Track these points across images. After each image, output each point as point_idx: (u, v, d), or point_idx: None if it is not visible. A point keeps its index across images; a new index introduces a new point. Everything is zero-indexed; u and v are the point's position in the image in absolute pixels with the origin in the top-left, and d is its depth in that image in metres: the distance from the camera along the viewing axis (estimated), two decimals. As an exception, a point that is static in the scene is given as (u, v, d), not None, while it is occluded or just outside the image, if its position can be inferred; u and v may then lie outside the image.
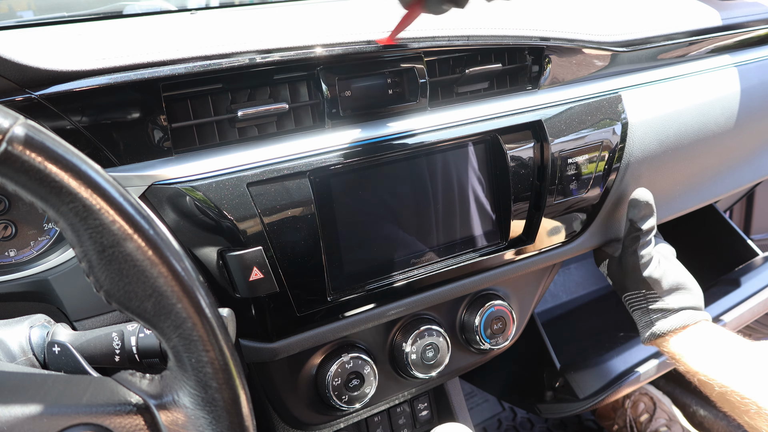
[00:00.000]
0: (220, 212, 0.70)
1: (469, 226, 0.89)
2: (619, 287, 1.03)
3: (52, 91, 0.64)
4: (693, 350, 0.93)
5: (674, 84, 1.08)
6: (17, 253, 0.71)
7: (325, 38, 0.77)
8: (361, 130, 0.80)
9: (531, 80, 0.94)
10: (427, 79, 0.82)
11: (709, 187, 1.23)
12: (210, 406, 0.42)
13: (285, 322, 0.78)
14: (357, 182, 0.80)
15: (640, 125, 1.01)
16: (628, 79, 1.04)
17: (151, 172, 0.69)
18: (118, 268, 0.40)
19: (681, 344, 0.95)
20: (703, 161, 1.16)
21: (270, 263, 0.72)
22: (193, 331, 0.41)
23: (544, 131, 0.91)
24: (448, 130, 0.85)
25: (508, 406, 1.87)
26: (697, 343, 0.94)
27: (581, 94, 0.97)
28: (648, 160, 1.03)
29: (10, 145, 0.36)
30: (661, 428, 1.57)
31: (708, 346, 0.93)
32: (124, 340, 0.58)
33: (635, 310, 1.01)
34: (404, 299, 0.87)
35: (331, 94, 0.77)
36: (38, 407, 0.41)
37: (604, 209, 1.02)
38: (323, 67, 0.76)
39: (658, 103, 1.04)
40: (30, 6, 1.12)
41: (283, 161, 0.74)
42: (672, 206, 1.17)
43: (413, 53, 0.81)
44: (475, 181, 0.89)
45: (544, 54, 0.93)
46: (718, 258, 1.61)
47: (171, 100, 0.70)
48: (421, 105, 0.83)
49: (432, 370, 0.93)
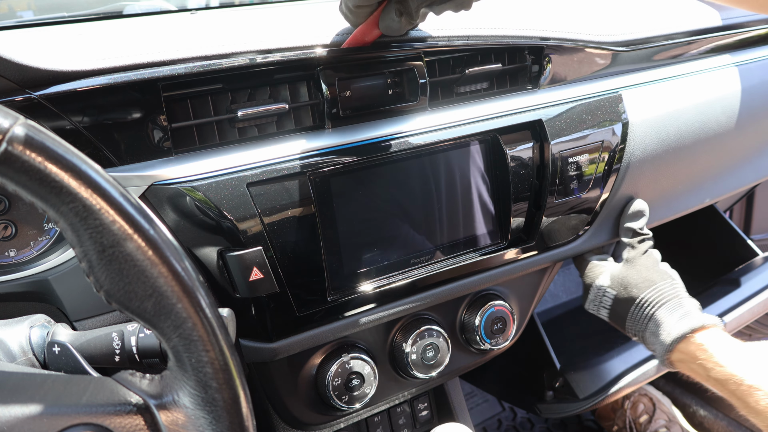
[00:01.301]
0: (220, 212, 0.70)
1: (469, 226, 0.89)
2: (633, 289, 0.94)
3: (52, 91, 0.64)
4: (721, 347, 0.84)
5: (674, 83, 1.08)
6: (17, 253, 0.71)
7: (325, 38, 0.77)
8: (361, 130, 0.80)
9: (531, 80, 0.94)
10: (427, 79, 0.82)
11: (710, 186, 1.23)
12: (210, 406, 0.42)
13: (285, 322, 0.78)
14: (357, 182, 0.80)
15: (641, 125, 1.01)
16: (628, 78, 1.04)
17: (150, 172, 0.69)
18: (118, 268, 0.40)
19: (709, 340, 0.85)
20: (704, 161, 1.16)
21: (270, 263, 0.72)
22: (193, 331, 0.41)
23: (544, 131, 0.90)
24: (449, 130, 0.85)
25: (508, 406, 1.87)
26: (722, 340, 0.85)
27: (581, 94, 0.97)
28: (649, 159, 1.03)
29: (10, 145, 0.36)
30: (660, 429, 1.57)
31: (730, 343, 0.85)
32: (124, 340, 0.58)
33: (663, 304, 0.90)
34: (404, 299, 0.87)
35: (331, 94, 0.76)
36: (38, 407, 0.41)
37: (606, 209, 1.02)
38: (323, 68, 0.76)
39: (659, 103, 1.04)
40: (30, 6, 1.12)
41: (283, 161, 0.74)
42: (673, 206, 1.17)
43: (413, 53, 0.81)
44: (476, 181, 0.89)
45: (544, 54, 0.93)
46: (718, 258, 1.60)
47: (171, 100, 0.70)
48: (421, 105, 0.83)
49: (432, 370, 0.93)
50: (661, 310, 0.89)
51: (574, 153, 0.93)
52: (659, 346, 0.87)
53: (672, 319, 0.87)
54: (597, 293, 0.98)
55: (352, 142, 0.78)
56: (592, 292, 0.99)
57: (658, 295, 0.90)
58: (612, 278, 0.97)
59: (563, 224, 0.97)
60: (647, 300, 0.91)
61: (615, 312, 0.94)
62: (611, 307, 0.95)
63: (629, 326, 0.93)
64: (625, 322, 0.93)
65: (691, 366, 0.83)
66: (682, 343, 0.83)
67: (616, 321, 0.95)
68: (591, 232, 1.02)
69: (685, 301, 0.89)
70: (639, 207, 1.00)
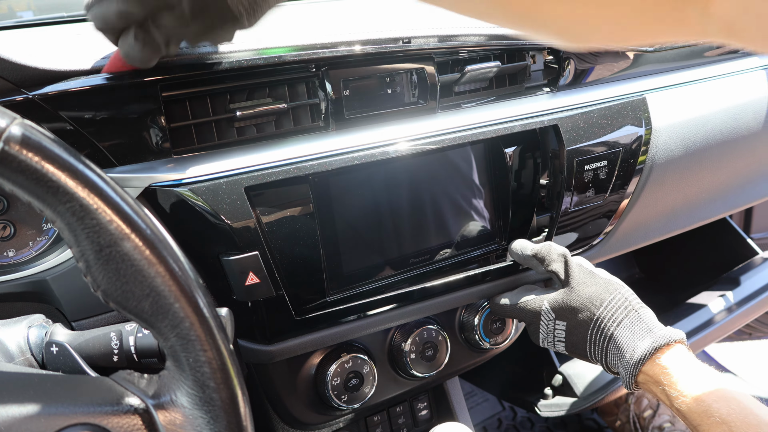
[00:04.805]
0: (218, 216, 0.69)
1: (478, 235, 0.88)
2: (582, 313, 0.81)
3: (50, 91, 0.64)
4: (684, 372, 0.74)
5: (703, 86, 1.03)
6: (16, 253, 0.71)
7: (328, 37, 0.76)
8: (367, 133, 0.77)
9: (550, 81, 0.90)
10: (438, 81, 0.79)
11: (736, 195, 1.16)
12: (208, 405, 0.42)
13: (282, 326, 0.77)
14: (360, 187, 0.78)
15: (665, 130, 0.96)
16: (653, 81, 0.99)
17: (148, 174, 0.68)
18: (115, 267, 0.40)
19: (673, 362, 0.75)
20: (732, 168, 1.10)
21: (267, 268, 0.71)
22: (191, 330, 0.41)
23: (561, 135, 0.87)
24: (462, 133, 0.81)
25: (508, 405, 1.87)
26: (685, 363, 0.76)
27: (603, 97, 0.92)
28: (672, 167, 0.98)
29: (6, 144, 0.36)
30: (665, 424, 1.56)
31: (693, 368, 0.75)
32: (122, 340, 0.58)
33: (620, 321, 0.79)
34: (405, 308, 0.86)
35: (336, 95, 0.75)
36: (36, 407, 0.41)
37: (623, 220, 0.97)
38: (328, 68, 0.75)
39: (686, 107, 0.99)
40: (29, 6, 1.12)
41: (283, 165, 0.72)
42: (695, 215, 1.11)
43: (424, 54, 0.79)
44: (482, 187, 0.87)
45: (562, 54, 0.89)
46: (718, 257, 1.60)
47: (170, 100, 0.70)
48: (431, 107, 0.81)
49: (431, 370, 0.93)
50: (620, 328, 0.79)
51: (592, 159, 0.89)
52: (623, 369, 0.77)
53: (634, 338, 0.77)
54: (547, 327, 0.85)
55: (357, 147, 0.76)
56: (542, 327, 0.85)
57: (612, 312, 0.80)
58: (554, 309, 0.83)
59: (578, 234, 0.93)
60: (602, 319, 0.80)
61: (571, 342, 0.83)
62: (566, 339, 0.83)
63: (591, 353, 0.82)
64: (587, 350, 0.82)
65: (655, 390, 0.76)
66: (647, 364, 0.75)
67: (575, 351, 0.84)
68: (605, 243, 0.98)
69: (642, 312, 0.80)
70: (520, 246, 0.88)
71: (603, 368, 0.83)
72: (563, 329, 0.83)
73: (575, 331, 0.82)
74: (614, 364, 0.80)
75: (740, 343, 2.10)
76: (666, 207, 1.02)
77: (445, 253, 0.87)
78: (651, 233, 1.09)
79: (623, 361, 0.78)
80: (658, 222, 1.08)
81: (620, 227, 0.98)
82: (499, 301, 0.91)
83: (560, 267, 0.84)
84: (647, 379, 0.76)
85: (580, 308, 0.81)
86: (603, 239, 0.98)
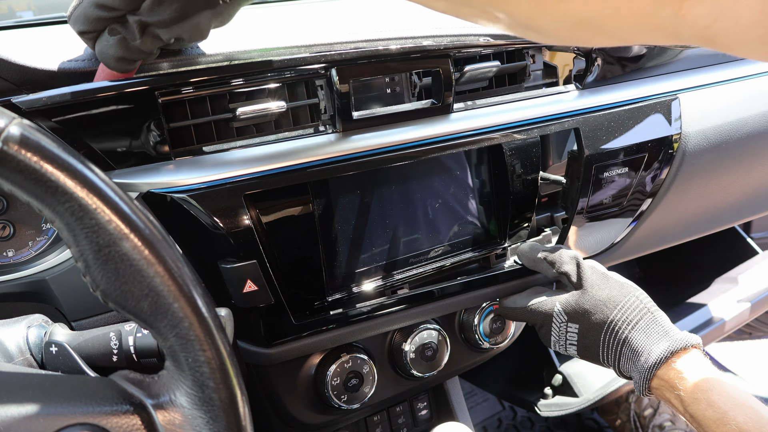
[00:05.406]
0: (216, 223, 0.68)
1: (482, 238, 0.87)
2: (595, 316, 0.80)
3: (46, 95, 0.63)
4: (700, 378, 0.73)
5: (739, 86, 0.97)
6: (15, 253, 0.71)
7: (333, 37, 0.75)
8: (376, 136, 0.74)
9: (576, 79, 0.87)
10: (453, 81, 0.76)
11: (763, 201, 1.10)
12: (207, 405, 0.42)
13: (281, 330, 0.77)
14: (364, 196, 0.77)
15: (695, 135, 0.91)
16: (686, 80, 0.94)
17: (147, 179, 0.67)
18: (114, 267, 0.40)
19: (688, 367, 0.74)
20: (763, 175, 1.04)
21: (266, 276, 0.70)
22: (190, 330, 0.41)
23: (581, 140, 0.83)
24: (481, 136, 0.79)
25: (508, 405, 1.87)
26: (701, 369, 0.74)
27: (631, 97, 0.88)
28: (699, 173, 0.93)
29: (5, 144, 0.36)
30: (665, 423, 1.56)
31: (709, 374, 0.73)
32: (121, 340, 0.58)
33: (635, 324, 0.78)
34: (405, 312, 0.86)
35: (344, 96, 0.72)
36: (35, 407, 0.41)
37: (642, 224, 0.93)
38: (337, 68, 0.73)
39: (720, 109, 0.93)
40: (29, 6, 1.12)
41: (285, 172, 0.71)
42: (717, 221, 1.06)
43: (440, 52, 0.76)
44: (493, 190, 0.86)
45: (591, 50, 0.85)
46: (718, 256, 1.60)
47: (169, 101, 0.70)
48: (445, 108, 0.79)
49: (431, 370, 0.93)
50: (635, 331, 0.77)
51: (615, 164, 0.86)
52: (637, 373, 0.76)
53: (650, 341, 0.76)
54: (559, 330, 0.83)
55: (366, 150, 0.73)
56: (553, 330, 0.84)
57: (627, 315, 0.78)
58: (567, 311, 0.82)
59: (594, 238, 0.89)
60: (617, 322, 0.78)
61: (584, 345, 0.81)
62: (578, 342, 0.82)
63: (604, 356, 0.80)
64: (599, 353, 0.80)
65: (668, 395, 0.74)
66: (662, 368, 0.74)
67: (587, 355, 0.82)
68: (619, 248, 0.95)
69: (657, 315, 0.78)
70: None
71: (615, 372, 0.81)
72: (575, 332, 0.81)
73: (588, 334, 0.80)
74: (627, 368, 0.78)
75: (740, 343, 2.10)
76: (687, 213, 0.97)
77: (448, 257, 0.86)
78: (668, 238, 1.05)
79: (637, 364, 0.76)
80: (676, 228, 1.03)
81: (636, 232, 0.95)
82: (508, 304, 0.89)
83: (572, 269, 0.82)
84: (661, 384, 0.74)
85: (593, 310, 0.79)
86: (617, 244, 0.95)
